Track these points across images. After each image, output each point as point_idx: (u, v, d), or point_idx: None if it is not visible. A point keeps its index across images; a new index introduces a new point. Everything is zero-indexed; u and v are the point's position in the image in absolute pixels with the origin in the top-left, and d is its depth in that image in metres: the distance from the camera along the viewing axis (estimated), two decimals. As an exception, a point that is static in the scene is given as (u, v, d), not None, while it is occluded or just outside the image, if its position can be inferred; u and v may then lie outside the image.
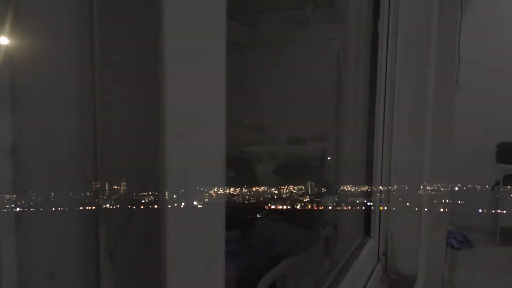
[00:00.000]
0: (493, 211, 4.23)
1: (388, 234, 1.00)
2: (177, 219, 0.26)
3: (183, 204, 0.26)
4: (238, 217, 1.91)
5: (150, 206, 0.26)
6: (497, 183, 4.04)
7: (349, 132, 0.95)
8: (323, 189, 1.89)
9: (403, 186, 0.99)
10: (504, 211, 3.92)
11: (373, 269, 0.95)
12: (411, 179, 0.99)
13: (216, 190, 0.30)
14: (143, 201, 0.26)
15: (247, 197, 2.28)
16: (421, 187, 0.98)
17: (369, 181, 0.96)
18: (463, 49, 3.69)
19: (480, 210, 4.30)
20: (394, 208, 1.00)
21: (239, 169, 3.02)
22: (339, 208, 1.02)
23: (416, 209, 0.98)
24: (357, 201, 0.98)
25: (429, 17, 1.03)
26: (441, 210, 2.97)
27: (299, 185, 2.06)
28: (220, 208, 0.30)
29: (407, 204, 0.99)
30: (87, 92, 0.27)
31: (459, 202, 3.98)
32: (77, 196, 0.27)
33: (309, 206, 2.00)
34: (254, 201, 2.19)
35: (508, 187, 3.94)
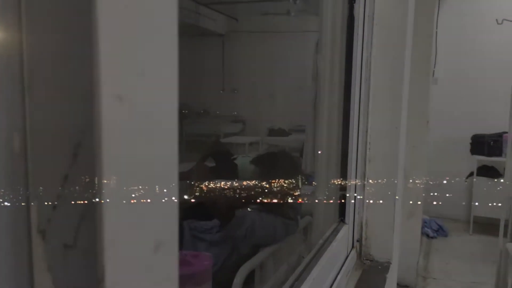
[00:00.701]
0: (466, 202, 4.34)
1: (362, 221, 0.99)
2: (115, 194, 0.23)
3: (123, 176, 0.23)
4: (217, 207, 1.88)
5: (85, 180, 0.23)
6: (471, 174, 4.15)
7: (325, 120, 0.93)
8: (300, 178, 1.87)
9: (378, 173, 0.98)
10: (477, 203, 4.03)
11: (347, 255, 0.94)
12: (386, 167, 0.98)
13: (165, 161, 0.27)
14: (77, 174, 0.23)
15: (227, 187, 2.24)
16: (396, 175, 0.97)
17: (344, 168, 0.94)
18: (440, 42, 3.74)
19: (455, 200, 4.41)
20: (369, 195, 0.99)
21: (219, 160, 2.98)
22: (315, 196, 1.01)
23: (391, 196, 0.97)
24: (333, 189, 0.97)
25: (406, 5, 1.01)
26: (416, 199, 3.02)
27: (277, 175, 2.04)
28: (170, 181, 0.27)
29: (382, 191, 0.98)
30: (14, 54, 0.24)
31: (434, 192, 4.07)
32: (3, 171, 0.24)
33: (287, 196, 1.99)
34: (233, 192, 2.16)
35: (481, 178, 4.04)
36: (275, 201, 1.85)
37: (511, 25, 2.35)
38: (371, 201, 0.99)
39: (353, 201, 0.95)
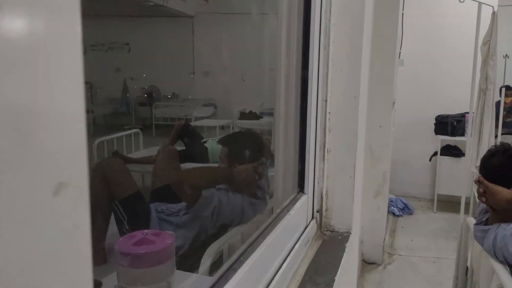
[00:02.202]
0: (430, 181, 4.49)
1: (323, 192, 0.98)
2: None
3: None
4: (184, 188, 1.84)
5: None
6: (435, 154, 4.28)
7: (283, 89, 0.91)
8: (263, 155, 1.86)
9: (338, 143, 0.97)
10: (441, 181, 4.17)
11: (307, 225, 0.94)
12: (346, 137, 0.98)
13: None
14: None
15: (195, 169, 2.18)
16: (356, 145, 0.97)
17: (303, 139, 0.93)
18: (406, 24, 3.78)
19: (419, 179, 4.55)
20: (329, 166, 0.98)
21: (189, 143, 2.91)
22: (276, 169, 1.00)
23: (350, 166, 0.97)
24: (292, 160, 0.96)
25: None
26: (382, 179, 3.08)
27: (245, 154, 2.02)
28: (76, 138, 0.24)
29: (342, 161, 0.98)
30: None
31: (400, 172, 4.16)
32: None
33: (254, 175, 1.97)
34: (200, 172, 2.11)
35: (445, 157, 4.18)
36: (243, 178, 1.84)
37: (474, 5, 2.40)
38: (331, 172, 0.98)
39: (312, 171, 0.94)
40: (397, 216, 4.07)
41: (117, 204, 1.91)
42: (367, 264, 3.16)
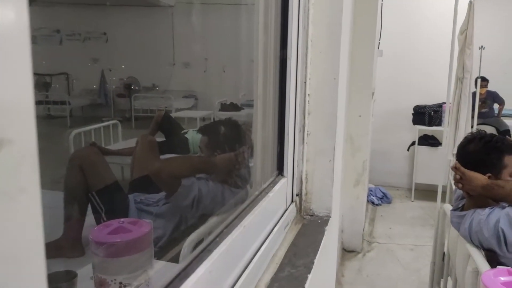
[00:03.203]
0: (408, 170, 4.56)
1: (302, 175, 0.97)
2: None
3: None
4: (163, 178, 1.80)
5: None
6: (413, 143, 4.35)
7: (261, 71, 0.89)
8: (244, 144, 1.84)
9: (317, 126, 0.96)
10: (418, 170, 4.25)
11: (286, 209, 0.92)
12: (325, 120, 0.97)
13: None
14: None
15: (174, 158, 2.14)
16: (335, 128, 0.96)
17: (283, 121, 0.91)
18: (385, 14, 3.80)
19: (398, 169, 4.62)
20: (308, 149, 0.97)
21: (169, 134, 2.86)
22: (255, 153, 0.98)
23: (330, 149, 0.96)
24: (271, 143, 0.94)
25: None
26: (362, 168, 3.11)
27: (225, 143, 1.99)
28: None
29: (321, 145, 0.97)
30: None
31: (379, 161, 4.21)
32: None
33: (233, 162, 1.95)
34: (179, 161, 2.07)
35: (422, 147, 4.26)
36: (223, 167, 1.82)
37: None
38: (311, 155, 0.97)
39: (291, 154, 0.93)
40: (376, 205, 4.13)
41: (93, 194, 1.86)
42: (347, 252, 3.19)
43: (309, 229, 0.92)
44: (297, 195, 0.97)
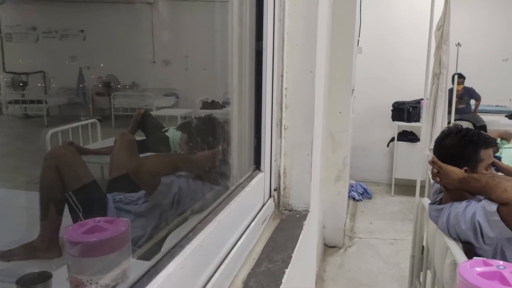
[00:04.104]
0: (388, 166, 4.63)
1: (280, 170, 0.96)
2: None
3: None
4: (142, 176, 1.77)
5: None
6: (392, 139, 4.41)
7: (236, 64, 0.87)
8: (225, 141, 1.82)
9: (295, 120, 0.95)
10: (398, 166, 4.31)
11: (264, 204, 0.91)
12: (303, 114, 0.96)
13: None
14: None
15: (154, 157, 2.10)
16: (313, 122, 0.95)
17: (259, 116, 0.90)
18: (364, 12, 3.83)
19: (378, 165, 4.68)
20: (286, 144, 0.96)
21: (149, 132, 2.82)
22: (231, 146, 0.96)
23: (308, 144, 0.95)
24: (248, 138, 0.93)
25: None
26: (343, 164, 3.13)
27: (205, 140, 1.97)
28: None
29: (299, 139, 0.96)
30: None
31: (359, 157, 4.24)
32: None
33: (213, 160, 1.93)
34: (158, 159, 2.04)
35: (401, 142, 4.32)
36: (203, 165, 1.80)
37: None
38: (289, 149, 0.96)
39: (269, 148, 0.92)
40: (357, 200, 4.17)
41: (70, 194, 1.81)
42: (328, 247, 3.21)
43: (287, 224, 0.92)
44: (275, 189, 0.96)
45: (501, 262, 1.07)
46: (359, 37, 3.80)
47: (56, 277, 1.06)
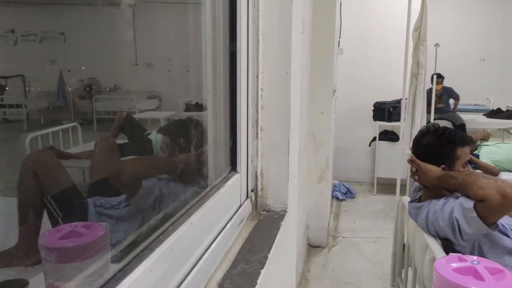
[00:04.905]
0: (370, 165, 4.68)
1: (257, 171, 0.96)
2: None
3: None
4: (122, 180, 1.75)
5: None
6: (374, 139, 4.46)
7: (210, 65, 0.87)
8: (206, 143, 1.81)
9: (271, 121, 0.95)
10: (379, 165, 4.36)
11: (241, 205, 0.91)
12: (279, 115, 0.96)
13: None
14: None
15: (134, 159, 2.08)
16: (289, 123, 0.95)
17: (235, 117, 0.90)
18: (345, 13, 3.87)
19: (360, 164, 4.72)
20: (263, 144, 0.96)
21: (131, 136, 2.79)
22: (209, 149, 0.96)
23: (284, 144, 0.96)
24: (224, 139, 0.93)
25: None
26: (325, 164, 3.15)
27: (186, 142, 1.96)
28: None
29: (276, 140, 0.96)
30: None
31: (341, 157, 4.27)
32: None
33: (194, 162, 1.92)
34: (139, 162, 2.02)
35: (383, 142, 4.37)
36: (184, 167, 1.79)
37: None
38: (266, 150, 0.96)
39: (245, 149, 0.92)
40: (341, 200, 4.21)
41: (49, 199, 1.78)
42: (312, 247, 3.23)
43: (264, 224, 0.92)
44: (252, 190, 0.96)
45: (475, 258, 1.09)
46: (340, 38, 3.83)
47: (33, 284, 1.03)
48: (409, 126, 2.62)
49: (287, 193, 0.98)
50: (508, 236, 1.69)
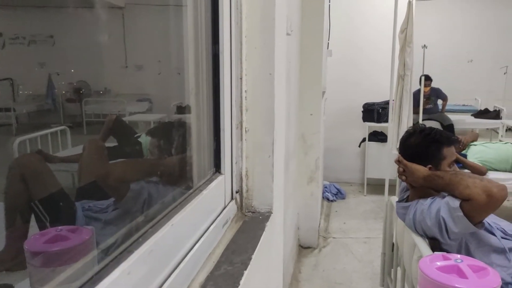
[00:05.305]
0: (360, 166, 4.70)
1: (242, 172, 0.96)
2: None
3: None
4: (110, 183, 1.74)
5: None
6: (364, 140, 4.49)
7: (193, 66, 0.87)
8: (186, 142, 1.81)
9: (256, 123, 0.96)
10: (369, 166, 4.39)
11: (225, 206, 0.91)
12: (264, 116, 0.97)
13: None
14: None
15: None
16: (273, 125, 0.96)
17: (217, 117, 0.90)
18: (334, 16, 3.89)
19: (350, 165, 4.75)
20: (248, 146, 0.97)
21: (121, 139, 2.78)
22: (194, 151, 0.96)
23: (269, 145, 0.96)
24: (208, 140, 0.93)
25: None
26: (315, 165, 3.16)
27: (175, 144, 1.96)
28: None
29: (261, 141, 0.96)
30: None
31: (332, 158, 4.28)
32: None
33: (183, 164, 1.91)
34: (127, 165, 2.02)
35: (372, 143, 4.40)
36: (171, 169, 1.78)
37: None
38: (250, 152, 0.97)
39: (229, 151, 0.92)
40: (331, 201, 4.22)
41: (37, 203, 1.76)
42: (303, 248, 3.24)
43: (249, 225, 0.92)
44: (237, 192, 0.97)
45: (459, 256, 1.10)
46: (329, 40, 3.86)
47: (16, 288, 1.02)
48: (396, 127, 2.64)
49: (272, 194, 0.98)
50: (494, 234, 1.71)
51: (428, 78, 5.05)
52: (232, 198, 0.95)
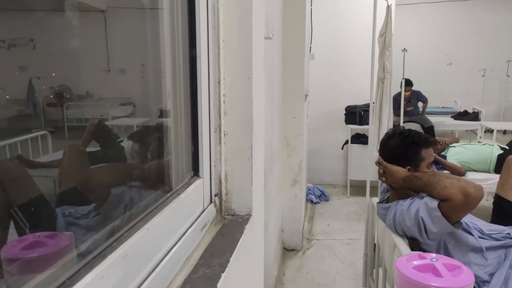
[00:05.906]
0: (343, 168, 4.75)
1: (221, 175, 0.97)
2: None
3: None
4: (90, 188, 1.73)
5: None
6: (346, 142, 4.54)
7: (170, 70, 0.88)
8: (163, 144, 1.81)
9: (234, 126, 0.97)
10: (352, 168, 4.44)
11: (204, 210, 0.91)
12: (242, 119, 0.97)
13: None
14: None
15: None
16: (252, 127, 0.96)
17: (195, 121, 0.91)
18: (315, 19, 3.93)
19: (334, 167, 4.79)
20: (226, 149, 0.97)
21: (103, 143, 2.74)
22: (171, 154, 0.96)
23: (247, 148, 0.97)
24: (185, 144, 0.93)
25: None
26: (298, 168, 3.18)
27: (156, 147, 1.95)
28: None
29: (239, 144, 0.97)
30: None
31: (315, 161, 4.32)
32: None
33: (164, 169, 1.91)
34: (107, 170, 2.00)
35: (354, 145, 4.46)
36: (153, 173, 1.77)
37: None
38: (229, 155, 0.97)
39: (207, 154, 0.92)
40: (315, 203, 4.25)
41: (15, 210, 1.73)
42: (287, 251, 3.25)
43: (229, 228, 0.92)
44: (216, 195, 0.97)
45: (434, 255, 1.13)
46: (311, 44, 3.89)
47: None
48: (377, 129, 2.68)
49: (252, 197, 0.99)
50: (471, 234, 1.75)
51: (408, 83, 5.14)
52: (211, 202, 0.96)
